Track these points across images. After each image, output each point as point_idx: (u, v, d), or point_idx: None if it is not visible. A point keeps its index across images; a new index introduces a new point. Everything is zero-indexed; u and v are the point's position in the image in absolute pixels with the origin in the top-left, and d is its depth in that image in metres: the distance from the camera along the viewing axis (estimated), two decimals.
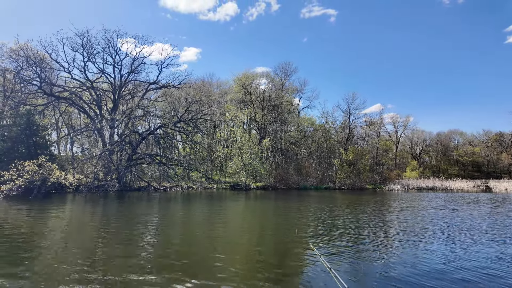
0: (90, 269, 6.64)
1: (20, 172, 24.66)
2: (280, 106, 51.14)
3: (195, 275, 6.33)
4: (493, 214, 17.32)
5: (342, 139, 53.95)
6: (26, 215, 14.79)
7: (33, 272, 6.41)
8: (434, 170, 76.23)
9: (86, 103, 37.18)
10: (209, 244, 9.36)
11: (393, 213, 17.71)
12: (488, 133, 79.80)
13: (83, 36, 34.45)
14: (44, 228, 11.67)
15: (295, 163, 50.71)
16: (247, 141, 43.18)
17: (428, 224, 13.27)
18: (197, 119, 39.24)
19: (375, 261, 7.56)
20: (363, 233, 11.19)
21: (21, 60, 32.40)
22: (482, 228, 12.41)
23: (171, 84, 39.86)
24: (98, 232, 11.06)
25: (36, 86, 33.58)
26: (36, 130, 32.34)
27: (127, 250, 8.44)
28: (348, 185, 46.05)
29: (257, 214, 17.54)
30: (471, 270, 6.95)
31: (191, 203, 22.73)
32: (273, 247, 9.24)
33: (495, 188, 48.50)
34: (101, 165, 30.45)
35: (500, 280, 6.32)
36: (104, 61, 37.64)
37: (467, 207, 20.62)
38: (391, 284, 5.97)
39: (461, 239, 10.27)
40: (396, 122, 74.03)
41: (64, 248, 8.61)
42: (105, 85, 41.01)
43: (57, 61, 34.53)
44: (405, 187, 47.63)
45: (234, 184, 41.34)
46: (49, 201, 21.12)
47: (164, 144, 39.01)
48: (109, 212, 16.79)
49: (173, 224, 13.37)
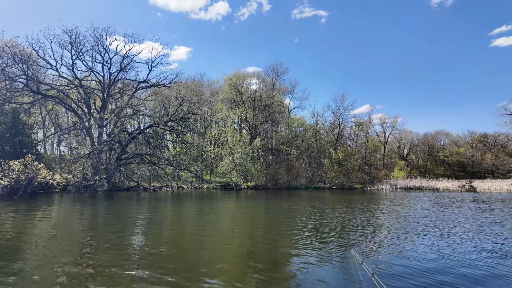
0: (77, 269, 6.57)
1: (6, 172, 24.08)
2: (271, 106, 51.37)
3: (185, 274, 6.38)
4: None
5: (332, 140, 54.55)
6: (12, 216, 14.48)
7: (19, 274, 6.33)
8: (421, 170, 77.82)
9: (74, 101, 36.51)
10: (199, 244, 9.40)
11: (390, 211, 18.07)
12: (472, 134, 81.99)
13: (71, 34, 33.84)
14: (31, 229, 11.46)
15: (285, 163, 51.03)
16: (238, 141, 43.19)
17: (419, 220, 13.63)
18: (188, 119, 39.03)
19: (376, 255, 7.76)
20: (358, 231, 11.41)
21: (6, 57, 31.58)
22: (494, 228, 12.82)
23: (161, 83, 39.52)
24: (86, 232, 10.94)
25: (22, 84, 32.76)
26: (22, 129, 31.61)
27: (115, 251, 8.37)
28: (338, 184, 46.63)
29: (250, 214, 17.62)
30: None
31: (181, 203, 22.63)
32: (264, 246, 9.34)
33: (479, 187, 49.90)
34: (89, 165, 29.99)
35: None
36: (93, 59, 37.06)
37: (454, 205, 21.21)
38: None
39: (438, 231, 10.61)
40: (384, 123, 75.35)
41: (52, 248, 8.49)
42: (93, 84, 40.35)
43: (44, 59, 33.81)
44: (393, 187, 48.52)
45: (225, 184, 41.30)
46: (35, 201, 20.68)
47: (154, 144, 38.67)
48: (98, 212, 16.59)
49: (163, 224, 13.32)
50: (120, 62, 37.56)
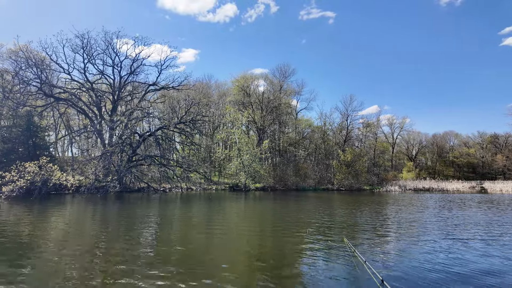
0: (90, 269, 6.78)
1: (21, 173, 24.66)
2: (279, 107, 51.48)
3: (198, 274, 6.53)
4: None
5: (340, 141, 54.38)
6: (29, 216, 14.87)
7: (34, 273, 6.56)
8: (430, 171, 76.96)
9: (86, 104, 37.19)
10: (209, 243, 9.58)
11: (404, 212, 18.04)
12: (483, 135, 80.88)
13: (83, 38, 34.59)
14: (48, 228, 11.81)
15: (293, 164, 51.04)
16: (246, 143, 43.39)
17: (437, 224, 13.61)
18: (197, 121, 39.42)
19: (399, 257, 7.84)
20: (387, 232, 11.47)
21: (21, 61, 32.39)
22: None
23: (170, 86, 40.03)
24: (100, 231, 11.24)
25: (36, 87, 33.53)
26: (36, 131, 32.33)
27: (128, 249, 8.59)
28: (346, 186, 46.44)
29: (262, 215, 17.75)
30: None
31: (190, 204, 22.88)
32: (273, 247, 9.47)
33: (490, 189, 49.20)
34: (102, 166, 30.48)
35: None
36: (104, 63, 37.79)
37: (472, 206, 21.03)
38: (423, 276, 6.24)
39: (457, 234, 10.60)
40: (392, 124, 74.73)
41: (67, 247, 8.74)
42: (104, 86, 41.04)
43: (57, 63, 34.61)
44: (402, 188, 48.13)
45: (233, 185, 41.50)
46: (49, 202, 21.15)
47: (165, 146, 39.12)
48: (111, 212, 16.91)
49: (173, 224, 13.55)
50: (130, 65, 38.23)
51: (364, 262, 7.12)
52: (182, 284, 5.88)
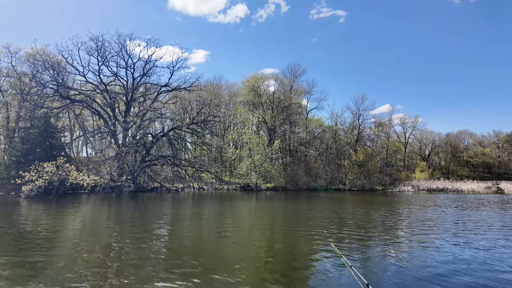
0: (105, 265, 7.01)
1: (40, 173, 25.34)
2: (289, 107, 51.38)
3: (210, 270, 6.68)
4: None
5: (352, 140, 53.91)
6: (47, 214, 15.30)
7: (52, 267, 6.82)
8: (443, 171, 75.43)
9: (100, 105, 37.91)
10: (221, 243, 9.68)
11: (418, 212, 17.83)
12: (498, 134, 78.82)
13: (97, 41, 35.20)
14: (66, 225, 12.14)
15: (304, 164, 50.86)
16: (257, 143, 43.46)
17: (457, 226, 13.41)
18: (209, 121, 39.71)
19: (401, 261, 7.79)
20: (395, 234, 11.38)
21: (38, 64, 33.28)
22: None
23: (182, 87, 40.43)
24: (115, 229, 11.52)
25: (53, 90, 34.38)
26: (53, 132, 33.12)
27: (141, 245, 8.84)
28: (358, 186, 45.99)
29: (274, 215, 17.79)
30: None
31: (203, 203, 23.09)
32: (284, 247, 9.50)
33: (507, 189, 48.02)
34: (116, 166, 31.04)
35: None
36: (117, 65, 38.39)
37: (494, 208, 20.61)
38: (415, 281, 6.20)
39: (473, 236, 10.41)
40: (404, 123, 73.45)
41: (83, 243, 9.04)
42: (118, 88, 41.71)
43: (73, 65, 35.37)
44: (415, 188, 47.42)
45: (244, 185, 41.63)
46: (66, 201, 21.68)
47: (177, 146, 39.53)
48: (126, 211, 17.24)
49: (186, 223, 13.73)
50: (142, 67, 38.75)
51: (351, 267, 7.06)
52: (195, 279, 6.08)
